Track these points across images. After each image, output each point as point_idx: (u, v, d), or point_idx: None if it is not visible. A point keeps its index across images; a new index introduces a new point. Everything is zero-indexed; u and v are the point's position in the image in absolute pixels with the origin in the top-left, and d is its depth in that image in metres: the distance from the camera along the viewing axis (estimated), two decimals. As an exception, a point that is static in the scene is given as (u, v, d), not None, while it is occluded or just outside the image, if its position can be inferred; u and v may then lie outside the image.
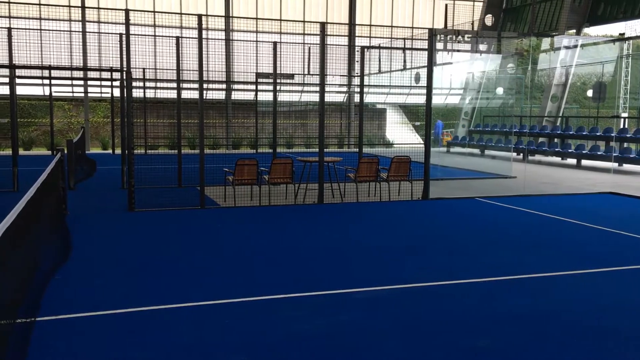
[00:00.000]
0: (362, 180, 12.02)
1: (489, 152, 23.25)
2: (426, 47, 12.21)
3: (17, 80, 13.37)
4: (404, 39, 26.45)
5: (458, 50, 23.30)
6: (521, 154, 21.85)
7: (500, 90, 25.59)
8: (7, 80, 13.34)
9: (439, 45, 21.00)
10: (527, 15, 29.31)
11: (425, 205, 11.59)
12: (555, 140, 22.37)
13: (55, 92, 23.15)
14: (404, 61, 24.07)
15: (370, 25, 29.85)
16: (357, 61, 20.63)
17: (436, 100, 24.89)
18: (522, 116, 24.51)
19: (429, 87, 11.94)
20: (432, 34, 12.08)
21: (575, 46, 24.15)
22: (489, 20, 29.86)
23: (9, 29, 13.91)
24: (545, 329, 5.05)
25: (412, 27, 30.22)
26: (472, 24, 30.55)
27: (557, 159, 21.71)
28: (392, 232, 9.23)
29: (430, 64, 11.99)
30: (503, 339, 4.83)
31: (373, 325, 5.07)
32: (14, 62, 13.64)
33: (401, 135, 29.19)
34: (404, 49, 24.33)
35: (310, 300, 5.72)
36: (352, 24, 29.44)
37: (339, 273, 6.73)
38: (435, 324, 5.13)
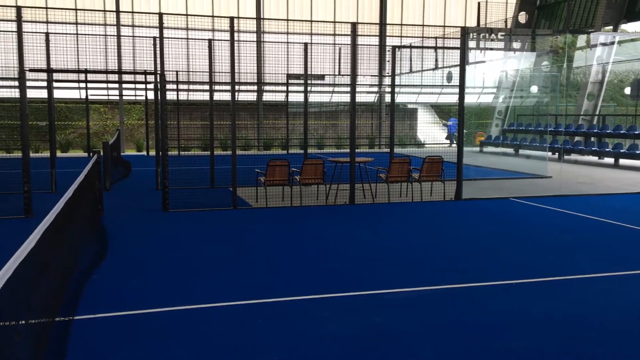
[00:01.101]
0: (394, 180, 11.96)
1: (523, 151, 22.89)
2: (458, 45, 12.08)
3: (55, 84, 13.69)
4: (436, 37, 26.22)
5: (491, 49, 22.97)
6: (557, 154, 21.43)
7: (534, 89, 25.15)
8: (45, 84, 13.67)
9: (472, 44, 20.75)
10: (562, 11, 28.75)
11: (458, 205, 11.47)
12: (592, 139, 21.88)
13: (91, 95, 23.65)
14: (436, 60, 23.86)
15: (402, 25, 29.68)
16: (388, 61, 20.53)
17: (469, 99, 24.57)
18: (557, 115, 24.04)
19: (462, 86, 11.82)
20: (465, 32, 11.95)
21: (612, 43, 23.57)
22: (522, 17, 29.39)
23: (47, 34, 14.28)
24: (581, 332, 4.94)
25: (444, 26, 29.90)
26: (506, 21, 30.10)
27: (594, 159, 21.22)
28: (424, 232, 9.15)
29: (463, 62, 11.86)
30: (538, 341, 4.74)
31: (405, 327, 5.04)
32: (51, 67, 13.98)
33: (433, 135, 28.96)
34: (435, 48, 24.11)
35: (342, 301, 5.71)
36: (383, 24, 29.33)
37: (371, 274, 6.70)
38: (468, 326, 5.06)
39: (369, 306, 5.58)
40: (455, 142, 29.34)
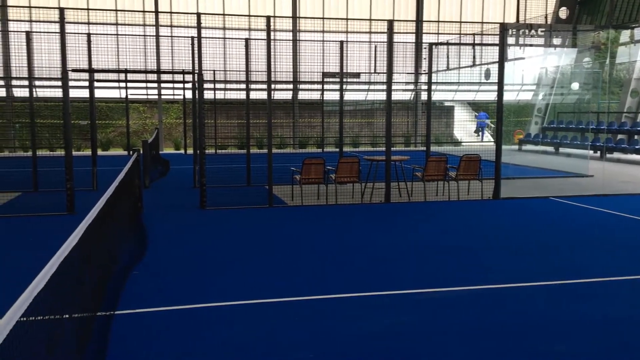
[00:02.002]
0: (430, 179, 11.84)
1: (563, 149, 22.39)
2: (497, 42, 11.88)
3: (96, 84, 14.01)
4: (474, 34, 25.85)
5: (531, 45, 22.56)
6: (598, 152, 20.87)
7: (575, 86, 24.55)
8: (86, 84, 14.01)
9: (511, 40, 20.41)
10: (605, 6, 27.98)
11: (496, 204, 11.28)
12: (635, 137, 21.23)
13: (131, 94, 24.13)
14: (474, 57, 23.53)
15: (438, 22, 29.36)
16: (425, 58, 20.32)
17: (507, 96, 24.16)
18: (599, 112, 23.42)
19: (501, 83, 11.62)
20: (504, 28, 11.74)
21: (658, 38, 22.82)
22: (563, 13, 28.74)
23: (88, 35, 14.62)
24: (626, 336, 4.80)
25: (482, 22, 29.47)
26: (546, 17, 29.48)
27: (638, 157, 20.59)
28: (461, 232, 9.04)
29: (502, 59, 11.66)
30: (581, 344, 4.63)
31: (438, 327, 4.98)
32: (92, 67, 14.30)
33: (470, 133, 28.58)
34: (473, 45, 23.77)
35: (376, 300, 5.69)
36: (419, 21, 29.06)
37: (406, 273, 6.65)
38: (508, 327, 4.98)
39: (404, 306, 5.54)
40: (482, 134, 29.02)
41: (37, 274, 2.89)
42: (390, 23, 11.35)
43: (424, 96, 28.16)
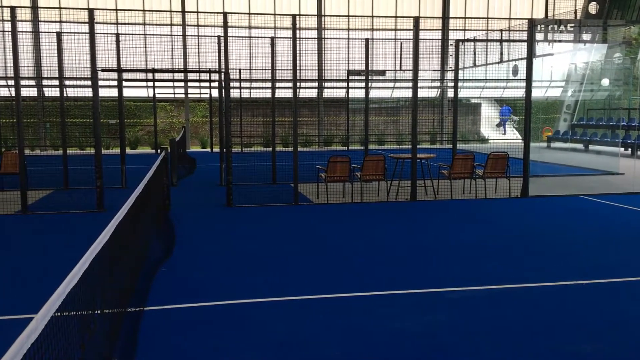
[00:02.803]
0: (457, 177, 11.75)
1: (593, 147, 21.98)
2: (525, 38, 11.72)
3: (124, 83, 14.22)
4: (501, 30, 25.54)
5: (559, 41, 22.15)
6: (629, 149, 20.45)
7: (606, 82, 24.08)
8: (115, 83, 14.23)
9: (539, 36, 20.08)
10: (636, 1, 27.38)
11: (525, 203, 11.14)
12: (669, 134, 20.74)
13: (158, 93, 24.42)
14: (501, 54, 23.24)
15: (465, 18, 29.07)
16: (451, 55, 20.15)
17: (536, 93, 23.83)
18: (630, 109, 22.93)
19: (529, 79, 11.47)
20: (532, 24, 11.58)
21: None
22: (593, 8, 28.21)
23: (117, 35, 14.83)
24: (661, 336, 4.71)
25: (510, 18, 29.10)
26: (575, 12, 28.96)
27: (671, 154, 20.12)
28: (488, 230, 8.95)
29: (530, 55, 11.50)
30: (609, 345, 4.55)
31: (469, 326, 4.95)
32: (121, 66, 14.52)
33: (497, 130, 28.25)
34: (501, 41, 23.49)
35: (404, 299, 5.67)
36: (445, 17, 28.82)
37: (434, 271, 6.62)
38: (535, 326, 4.92)
39: (432, 304, 5.51)
40: (504, 127, 28.68)
41: (69, 270, 2.96)
42: (417, 20, 11.28)
43: (450, 93, 27.92)
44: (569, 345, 4.53)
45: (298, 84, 11.13)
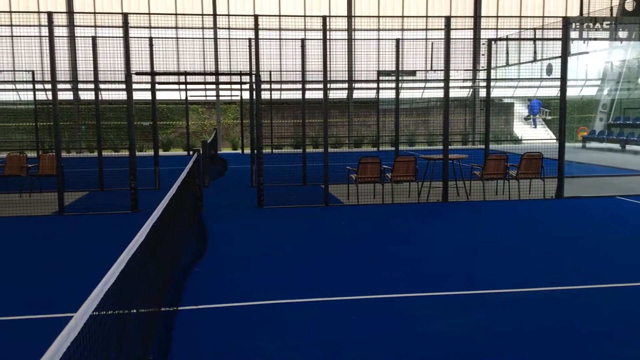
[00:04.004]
0: (489, 177, 11.59)
1: (630, 147, 21.45)
2: (559, 36, 11.51)
3: (157, 86, 14.42)
4: (534, 28, 25.12)
5: (595, 39, 21.71)
6: (669, 149, 19.90)
7: (643, 80, 23.46)
8: (148, 86, 14.46)
9: (574, 34, 19.71)
10: (676, -4, 26.60)
11: (560, 204, 10.93)
12: None
13: (190, 96, 24.72)
14: (534, 52, 22.86)
15: (497, 17, 28.68)
16: (483, 54, 19.90)
17: (570, 92, 23.37)
18: (669, 107, 22.31)
19: (564, 78, 11.25)
20: (567, 22, 11.36)
21: None
22: (629, 5, 27.52)
23: (150, 39, 15.06)
24: None
25: (543, 17, 28.61)
26: (611, 9, 28.30)
27: None
28: (522, 231, 8.81)
29: (565, 54, 11.29)
30: (653, 350, 4.43)
31: (507, 328, 4.87)
32: (154, 70, 14.74)
33: (531, 130, 27.80)
34: (534, 40, 23.09)
35: (438, 300, 5.62)
36: (477, 16, 28.48)
37: (467, 273, 6.54)
38: (576, 330, 4.81)
39: (469, 306, 5.44)
40: (534, 121, 28.19)
41: (106, 270, 3.01)
42: (448, 19, 11.18)
43: (482, 93, 27.59)
44: (607, 349, 4.42)
45: (328, 85, 11.12)
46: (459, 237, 8.38)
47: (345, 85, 28.06)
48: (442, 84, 11.44)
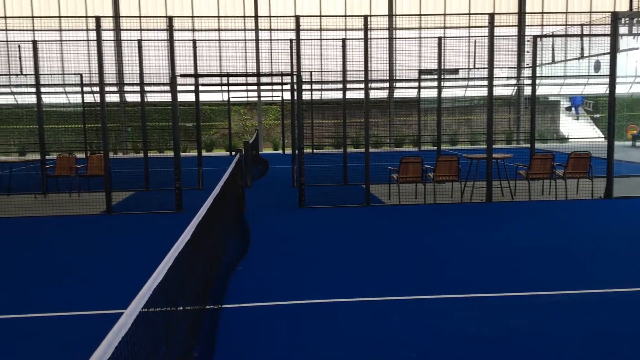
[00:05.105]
0: (535, 177, 11.34)
1: (684, 145, 20.65)
2: (608, 32, 11.17)
3: (200, 88, 14.65)
4: (581, 24, 24.44)
5: (646, 34, 20.96)
6: None
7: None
8: (192, 88, 14.70)
9: (623, 30, 19.09)
10: None
11: (609, 204, 10.61)
12: None
13: (232, 97, 25.02)
14: (581, 49, 22.24)
15: (542, 13, 28.03)
16: (528, 52, 19.49)
17: (620, 89, 22.65)
18: None
19: (612, 75, 10.91)
20: (615, 17, 11.01)
21: None
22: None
23: (194, 41, 15.32)
24: None
25: (591, 12, 27.80)
26: (663, 3, 27.29)
27: None
28: (569, 233, 8.58)
29: (614, 50, 10.95)
30: None
31: (553, 332, 4.76)
32: (197, 72, 14.98)
33: (579, 129, 27.08)
34: (581, 36, 22.47)
35: (481, 302, 5.53)
36: (522, 13, 27.91)
37: (511, 275, 6.41)
38: (624, 335, 4.66)
39: (510, 309, 5.34)
40: (576, 112, 27.37)
41: (152, 268, 3.07)
42: (492, 16, 10.99)
43: (527, 91, 27.00)
44: (661, 356, 4.28)
45: (369, 84, 11.08)
46: (502, 238, 8.23)
47: (386, 84, 27.91)
48: (485, 82, 11.25)
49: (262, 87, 26.09)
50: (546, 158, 11.38)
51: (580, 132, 26.14)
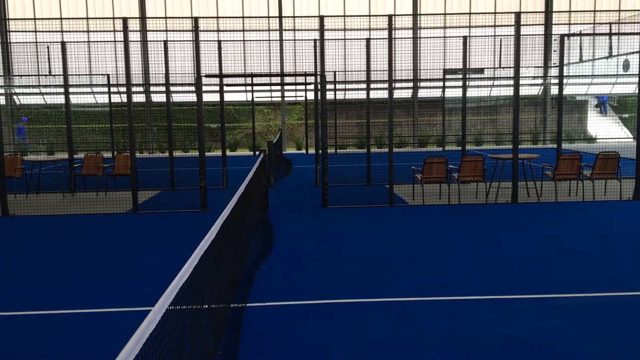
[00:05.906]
0: (562, 178, 11.18)
1: None
2: (637, 30, 10.96)
3: (225, 88, 14.75)
4: (610, 23, 24.01)
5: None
6: None
7: None
8: (216, 88, 14.82)
9: (654, 27, 18.70)
10: None
11: (637, 206, 10.41)
12: None
13: (256, 97, 25.15)
14: (610, 48, 21.86)
15: (570, 12, 27.62)
16: (555, 51, 19.22)
17: (649, 89, 22.17)
18: None
19: (642, 74, 10.71)
20: (646, 14, 10.81)
21: None
22: None
23: (219, 42, 15.44)
24: None
25: (619, 10, 27.30)
26: (695, 0, 26.68)
27: None
28: (597, 235, 8.44)
29: (644, 48, 10.74)
30: None
31: (578, 335, 4.69)
32: (222, 72, 15.10)
33: (607, 129, 26.62)
34: (610, 35, 22.09)
35: (505, 304, 5.48)
36: (549, 12, 27.53)
37: (540, 277, 6.34)
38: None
39: (538, 310, 5.28)
40: (604, 108, 26.86)
41: (178, 266, 3.11)
42: (518, 15, 10.87)
43: (554, 90, 26.63)
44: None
45: (393, 84, 11.05)
46: (529, 239, 8.14)
47: (410, 84, 27.78)
48: (511, 82, 11.13)
49: (285, 87, 26.20)
50: (573, 158, 11.21)
51: (608, 132, 25.69)
